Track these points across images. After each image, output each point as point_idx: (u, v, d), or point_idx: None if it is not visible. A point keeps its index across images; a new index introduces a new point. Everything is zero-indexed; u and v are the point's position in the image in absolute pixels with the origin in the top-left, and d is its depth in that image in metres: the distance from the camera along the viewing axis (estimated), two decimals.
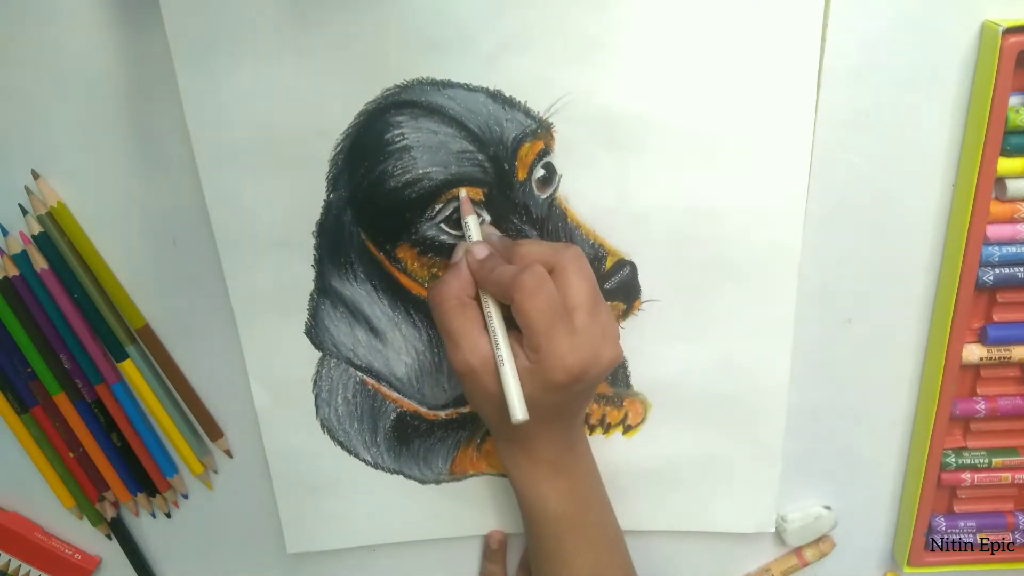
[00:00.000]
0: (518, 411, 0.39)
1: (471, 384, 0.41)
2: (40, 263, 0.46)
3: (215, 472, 0.53)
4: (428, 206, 0.44)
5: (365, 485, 0.51)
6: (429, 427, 0.50)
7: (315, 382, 0.49)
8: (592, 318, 0.40)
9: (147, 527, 0.55)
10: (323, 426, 0.50)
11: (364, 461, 0.51)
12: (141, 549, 0.55)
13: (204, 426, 0.51)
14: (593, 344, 0.39)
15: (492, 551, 0.54)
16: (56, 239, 0.45)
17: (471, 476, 0.52)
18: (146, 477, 0.52)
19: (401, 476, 0.51)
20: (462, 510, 0.52)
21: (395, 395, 0.49)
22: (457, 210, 0.44)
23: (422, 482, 0.52)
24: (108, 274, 0.47)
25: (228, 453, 0.52)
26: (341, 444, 0.51)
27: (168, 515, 0.54)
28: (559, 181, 0.44)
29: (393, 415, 0.50)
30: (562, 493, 0.44)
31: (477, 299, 0.42)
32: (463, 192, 0.43)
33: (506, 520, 0.53)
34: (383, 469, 0.51)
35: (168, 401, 0.50)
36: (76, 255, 0.46)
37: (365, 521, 0.53)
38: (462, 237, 0.44)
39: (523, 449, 0.43)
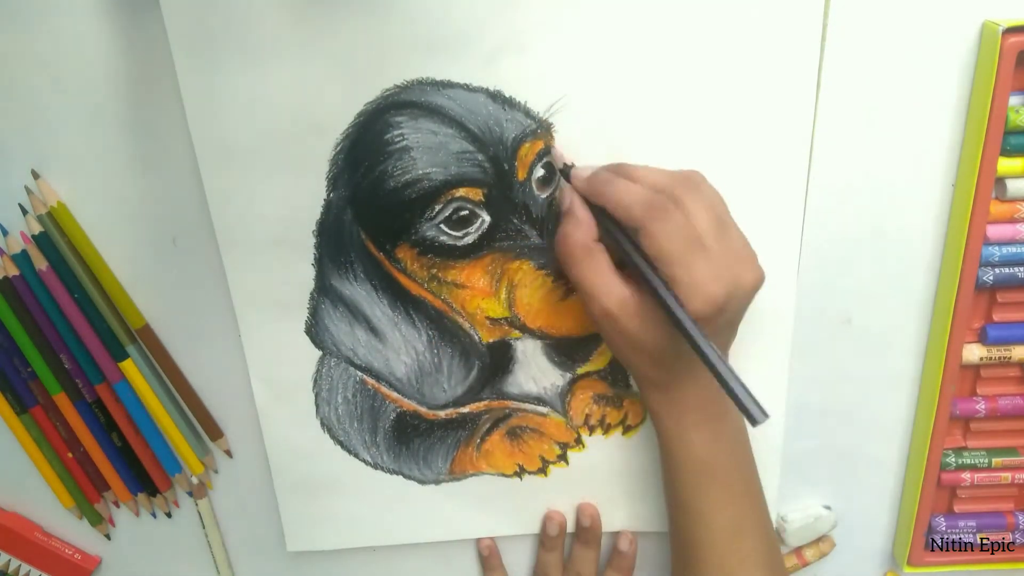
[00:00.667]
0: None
1: (611, 330, 0.39)
2: (40, 263, 0.46)
3: (215, 472, 0.53)
4: (428, 207, 0.44)
5: (365, 485, 0.52)
6: (429, 427, 0.50)
7: (315, 381, 0.49)
8: (722, 242, 0.37)
9: (147, 527, 0.55)
10: (323, 425, 0.50)
11: (364, 461, 0.51)
12: (141, 549, 0.55)
13: (204, 426, 0.51)
14: (731, 269, 0.37)
15: (486, 558, 0.54)
16: (56, 239, 0.45)
17: (471, 476, 0.52)
18: (146, 477, 0.52)
19: (401, 476, 0.51)
20: (462, 511, 0.52)
21: (395, 395, 0.49)
22: (457, 211, 0.44)
23: (422, 482, 0.52)
24: (108, 274, 0.47)
25: (228, 453, 0.52)
26: (341, 444, 0.51)
27: (168, 515, 0.54)
28: (559, 181, 0.44)
29: (393, 415, 0.50)
30: (709, 440, 0.41)
31: (600, 241, 0.40)
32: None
33: (505, 521, 0.53)
34: (383, 469, 0.51)
35: (168, 401, 0.50)
36: (76, 255, 0.46)
37: (365, 521, 0.53)
38: (462, 237, 0.44)
39: (670, 396, 0.41)
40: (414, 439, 0.50)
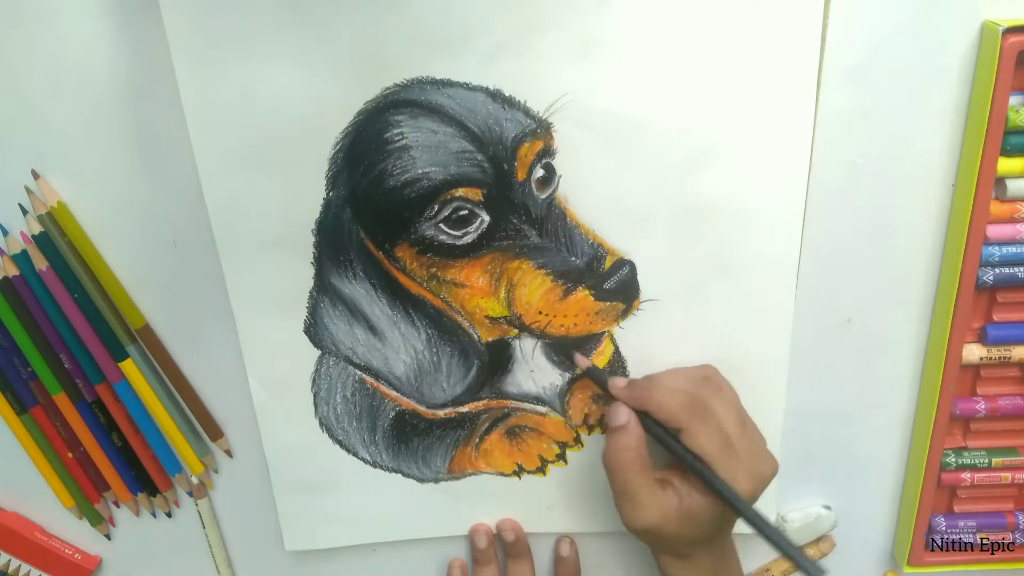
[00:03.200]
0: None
1: (650, 535, 0.44)
2: (40, 263, 0.46)
3: (215, 472, 0.53)
4: (427, 206, 0.44)
5: (364, 484, 0.52)
6: (428, 426, 0.50)
7: (314, 380, 0.49)
8: (745, 440, 0.42)
9: (147, 527, 0.55)
10: (322, 424, 0.50)
11: (363, 460, 0.51)
12: (141, 549, 0.55)
13: (204, 426, 0.51)
14: (756, 466, 0.42)
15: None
16: (56, 239, 0.45)
17: (469, 475, 0.52)
18: (146, 477, 0.52)
19: (399, 475, 0.51)
20: (461, 510, 0.52)
21: (394, 394, 0.49)
22: (456, 210, 0.44)
23: (420, 481, 0.52)
24: (108, 274, 0.47)
25: (228, 453, 0.52)
26: (340, 443, 0.51)
27: (168, 515, 0.54)
28: (558, 181, 0.44)
29: (392, 414, 0.50)
30: None
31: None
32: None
33: (503, 518, 0.53)
34: (381, 468, 0.51)
35: (168, 401, 0.50)
36: (76, 255, 0.46)
37: (364, 520, 0.53)
38: (461, 237, 0.44)
39: (688, 563, 0.45)
40: (413, 438, 0.50)
